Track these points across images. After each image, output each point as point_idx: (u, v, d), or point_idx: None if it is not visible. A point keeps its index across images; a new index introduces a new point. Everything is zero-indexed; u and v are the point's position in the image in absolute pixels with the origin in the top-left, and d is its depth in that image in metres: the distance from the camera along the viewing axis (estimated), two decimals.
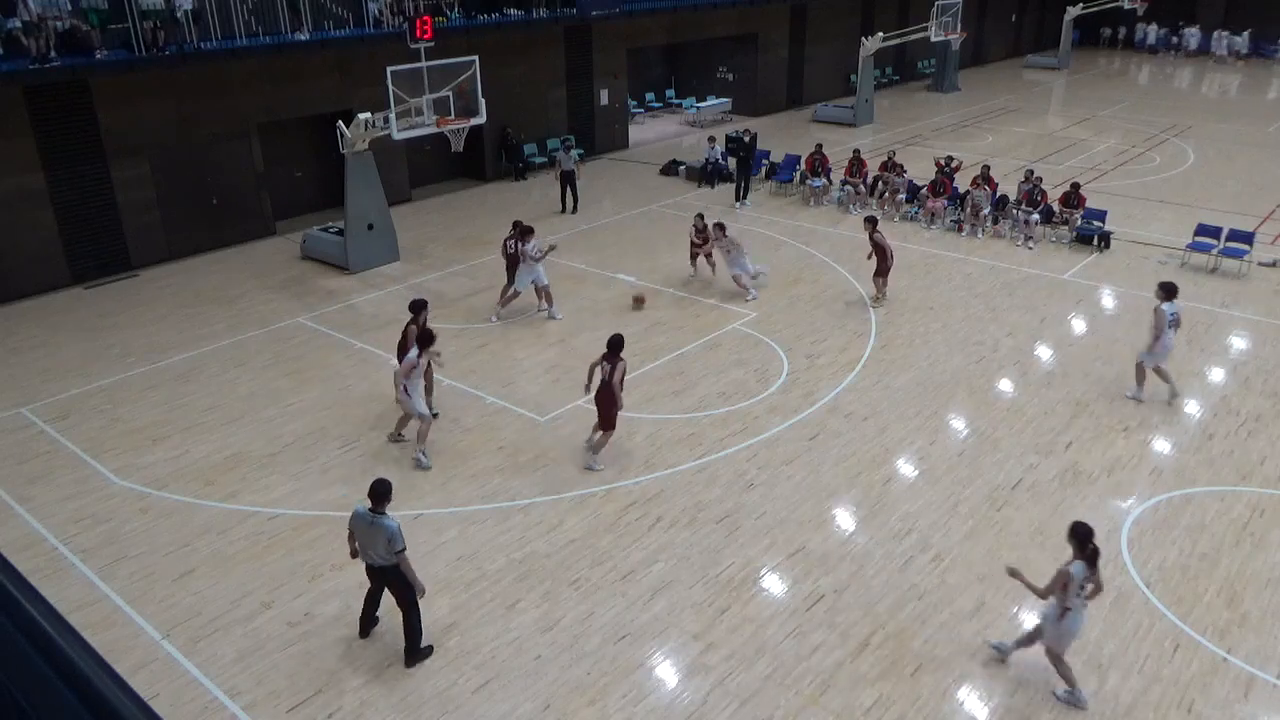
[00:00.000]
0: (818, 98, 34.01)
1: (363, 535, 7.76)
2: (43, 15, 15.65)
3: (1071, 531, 7.38)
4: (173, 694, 7.68)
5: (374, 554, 7.76)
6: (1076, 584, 7.22)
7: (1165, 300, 11.82)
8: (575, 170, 21.22)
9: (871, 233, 15.36)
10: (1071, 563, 7.26)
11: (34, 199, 16.67)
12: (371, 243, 17.90)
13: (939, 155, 22.60)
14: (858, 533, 9.76)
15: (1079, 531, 7.33)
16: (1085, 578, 7.26)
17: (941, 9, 32.02)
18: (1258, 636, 8.19)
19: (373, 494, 7.76)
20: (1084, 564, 7.24)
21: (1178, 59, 46.28)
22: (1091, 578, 7.29)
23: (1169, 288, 11.94)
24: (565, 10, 24.09)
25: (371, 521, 7.66)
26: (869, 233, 15.43)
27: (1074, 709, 7.49)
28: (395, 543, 7.60)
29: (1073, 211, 18.73)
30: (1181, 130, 29.46)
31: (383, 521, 7.62)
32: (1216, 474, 10.76)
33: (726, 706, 7.49)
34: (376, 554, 7.74)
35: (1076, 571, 7.22)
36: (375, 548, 7.71)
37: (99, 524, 10.05)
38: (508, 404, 12.56)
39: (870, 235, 15.38)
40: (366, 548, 7.78)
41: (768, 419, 11.99)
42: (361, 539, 7.79)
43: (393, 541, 7.60)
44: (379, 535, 7.62)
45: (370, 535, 7.69)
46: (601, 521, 9.95)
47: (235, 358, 14.17)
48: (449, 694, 7.66)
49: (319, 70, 20.15)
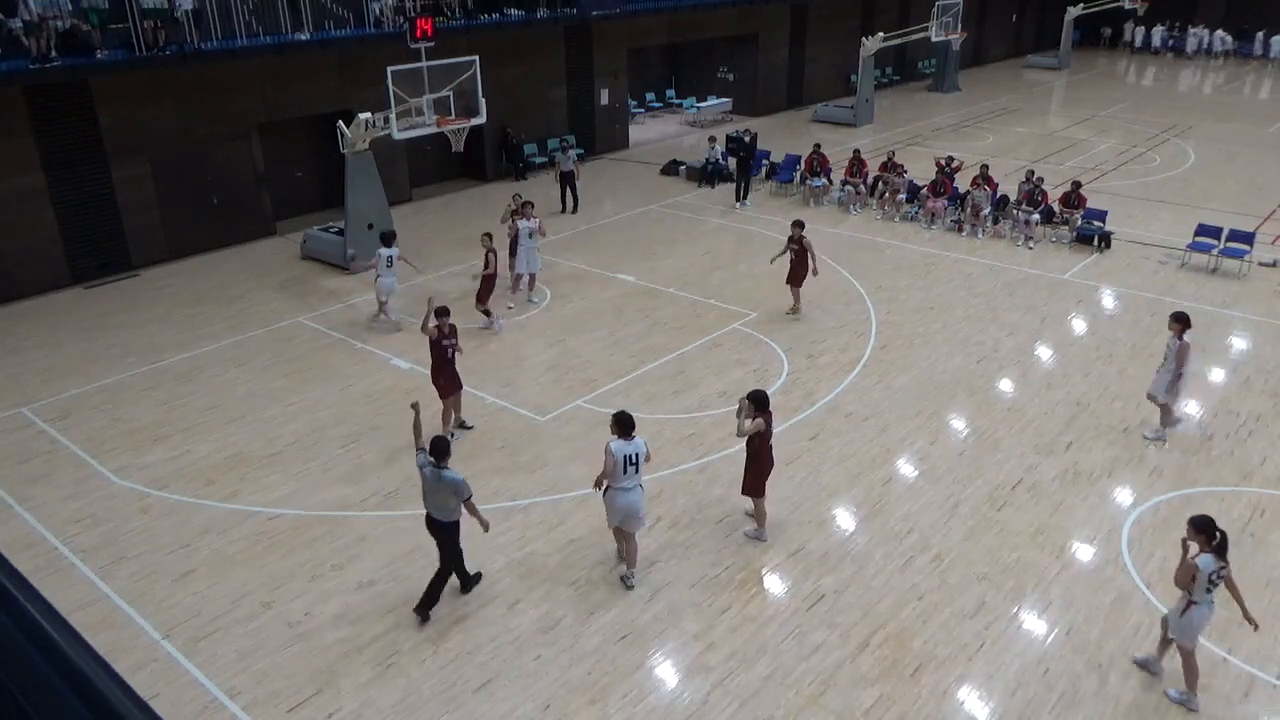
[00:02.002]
0: (818, 98, 34.00)
1: (430, 490, 8.25)
2: (43, 15, 15.65)
3: (1195, 525, 7.19)
4: (173, 694, 7.68)
5: (439, 507, 8.28)
6: (1205, 577, 7.06)
7: (1185, 331, 10.83)
8: (575, 170, 21.22)
9: (800, 235, 14.73)
10: (1199, 555, 7.11)
11: (34, 199, 16.67)
12: (372, 243, 17.87)
13: (939, 155, 22.61)
14: (858, 533, 9.76)
15: (1201, 524, 7.15)
16: (1215, 571, 7.09)
17: (942, 9, 32.02)
18: (1258, 636, 8.18)
19: (434, 450, 8.15)
20: (1212, 556, 7.08)
21: (1177, 59, 46.29)
22: (1223, 571, 7.11)
23: (1185, 319, 10.92)
24: (565, 10, 24.09)
25: (439, 476, 8.14)
26: (796, 235, 14.72)
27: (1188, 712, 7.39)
28: (462, 492, 8.13)
29: (1073, 211, 18.73)
30: (1182, 130, 29.46)
31: (447, 475, 8.12)
32: (1216, 474, 10.75)
33: (726, 706, 7.49)
34: (443, 508, 8.26)
35: (1205, 565, 7.07)
36: (442, 500, 8.22)
37: (99, 524, 10.06)
38: (508, 404, 12.56)
39: (799, 237, 14.72)
40: (432, 501, 8.29)
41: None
42: (428, 493, 8.29)
43: (459, 491, 8.11)
44: (446, 488, 8.14)
45: (437, 489, 8.19)
46: (601, 521, 9.93)
47: (235, 358, 14.18)
48: (449, 694, 7.66)
49: (319, 70, 20.15)
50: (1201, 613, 7.20)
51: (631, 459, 8.45)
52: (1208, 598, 7.16)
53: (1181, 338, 10.88)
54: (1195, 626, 7.24)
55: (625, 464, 8.42)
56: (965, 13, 34.00)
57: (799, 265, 14.88)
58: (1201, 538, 7.14)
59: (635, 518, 8.69)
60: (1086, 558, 9.31)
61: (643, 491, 8.67)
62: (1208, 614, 7.23)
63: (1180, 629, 7.29)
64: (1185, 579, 7.12)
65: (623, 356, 13.91)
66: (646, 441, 8.69)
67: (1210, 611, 7.25)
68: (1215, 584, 7.13)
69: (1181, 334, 10.89)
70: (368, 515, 10.16)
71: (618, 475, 8.42)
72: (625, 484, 8.49)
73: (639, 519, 8.74)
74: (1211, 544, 7.11)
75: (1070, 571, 9.09)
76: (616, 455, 8.38)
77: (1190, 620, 7.21)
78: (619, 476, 8.44)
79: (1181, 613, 7.24)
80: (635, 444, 8.48)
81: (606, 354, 13.99)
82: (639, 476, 8.56)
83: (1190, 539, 7.23)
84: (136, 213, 18.01)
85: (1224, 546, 7.11)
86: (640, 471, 8.56)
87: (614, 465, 8.37)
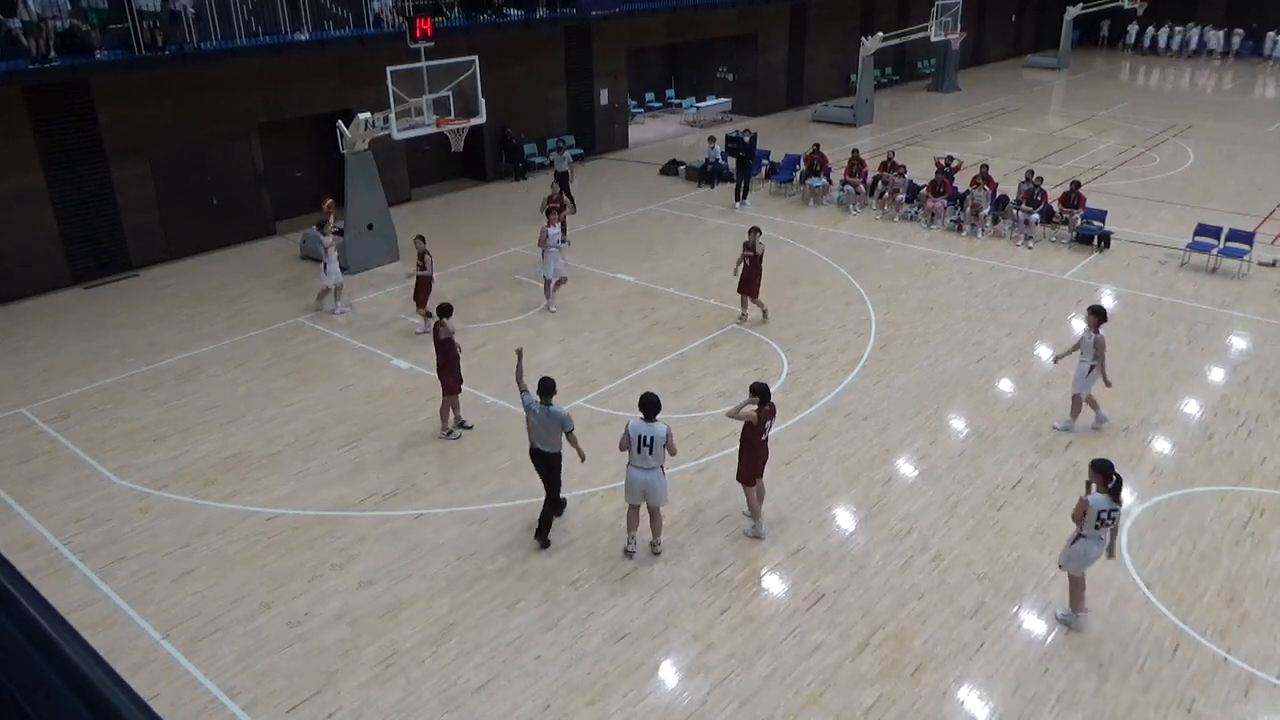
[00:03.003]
0: (818, 98, 34.00)
1: (538, 424, 9.15)
2: (43, 15, 15.65)
3: (1095, 466, 7.81)
4: (173, 694, 7.68)
5: (544, 440, 9.17)
6: (1094, 514, 7.67)
7: (1101, 323, 11.20)
8: (570, 171, 21.20)
9: (756, 240, 14.28)
10: (1094, 494, 7.73)
11: (34, 199, 16.67)
12: (371, 243, 17.91)
13: (939, 155, 22.61)
14: (858, 533, 9.76)
15: (1101, 466, 7.77)
16: (1107, 510, 7.68)
17: (941, 9, 32.02)
18: (1258, 636, 8.19)
19: (541, 390, 9.13)
20: (1106, 496, 7.68)
21: (1178, 59, 46.29)
22: (1113, 513, 7.71)
23: (1103, 312, 11.31)
24: (565, 10, 24.09)
25: (548, 412, 9.03)
26: (753, 240, 14.26)
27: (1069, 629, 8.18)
28: (567, 424, 9.03)
29: (1073, 211, 18.73)
30: (1181, 130, 29.46)
31: (555, 410, 9.05)
32: (1216, 474, 10.76)
33: (726, 706, 7.49)
34: (549, 440, 9.16)
35: (1096, 502, 7.68)
36: (549, 433, 9.11)
37: (99, 524, 10.06)
38: (508, 404, 12.56)
39: (755, 243, 14.25)
40: (538, 434, 9.19)
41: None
42: (536, 428, 9.19)
43: (565, 424, 9.02)
44: (554, 421, 9.04)
45: (546, 423, 9.09)
46: (601, 521, 9.94)
47: (235, 358, 14.18)
48: (449, 694, 7.66)
49: (319, 70, 20.15)
50: (1089, 546, 7.89)
51: (645, 440, 8.74)
52: (1096, 534, 7.82)
53: (1098, 331, 11.13)
54: (1081, 558, 7.94)
55: (639, 444, 8.76)
56: (965, 13, 34.00)
57: (753, 272, 14.39)
58: (1100, 478, 7.76)
59: (654, 494, 9.04)
60: None
61: (663, 475, 8.97)
62: (1095, 549, 7.91)
63: (1068, 557, 8.05)
64: (1078, 513, 7.81)
65: (622, 356, 13.91)
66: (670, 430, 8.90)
67: (1099, 547, 7.92)
68: (1105, 522, 7.79)
69: (1098, 327, 11.14)
70: (367, 515, 10.16)
71: (632, 454, 8.84)
72: (639, 464, 8.84)
73: (658, 496, 9.07)
74: (1108, 485, 7.72)
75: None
76: (631, 434, 8.79)
77: (1077, 551, 7.94)
78: (633, 455, 8.84)
79: (1070, 543, 7.97)
80: (653, 427, 8.76)
81: (606, 354, 13.98)
82: (654, 459, 8.79)
83: (1090, 479, 7.87)
84: (136, 213, 18.01)
85: (1118, 490, 7.75)
86: (656, 454, 8.78)
87: (627, 442, 8.80)
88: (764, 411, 9.21)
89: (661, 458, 8.84)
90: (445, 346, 11.31)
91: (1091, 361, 11.23)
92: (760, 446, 9.38)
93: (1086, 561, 7.98)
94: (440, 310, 11.49)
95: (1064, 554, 8.12)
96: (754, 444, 9.33)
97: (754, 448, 9.35)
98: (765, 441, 9.44)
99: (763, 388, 9.25)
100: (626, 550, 9.34)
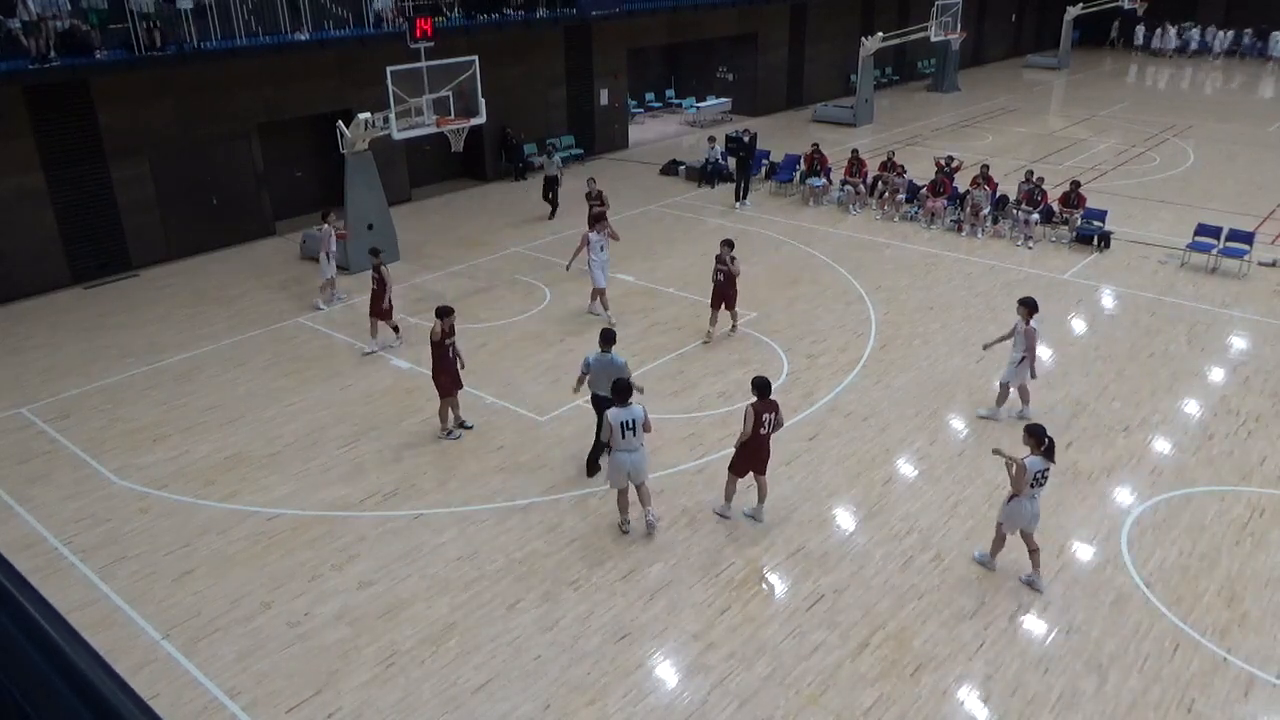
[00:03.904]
0: (818, 98, 34.01)
1: (599, 372, 10.14)
2: (42, 15, 15.64)
3: (1028, 430, 8.56)
4: (173, 694, 7.68)
5: (605, 385, 9.86)
6: (1030, 474, 8.33)
7: (1032, 316, 11.34)
8: (559, 175, 20.93)
9: (728, 255, 13.71)
10: (1028, 456, 8.40)
11: (34, 199, 16.67)
12: (371, 243, 17.87)
13: (939, 155, 22.61)
14: (858, 533, 9.76)
15: (1034, 430, 8.51)
16: (1041, 470, 8.38)
17: (941, 9, 32.02)
18: (1258, 636, 8.19)
19: (603, 339, 10.30)
20: (1040, 458, 8.39)
21: (1178, 59, 46.30)
22: (1046, 473, 8.44)
23: (1033, 304, 11.44)
24: (565, 10, 24.08)
25: (610, 360, 10.05)
26: (723, 255, 13.72)
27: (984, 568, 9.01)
28: (624, 370, 9.95)
29: (1073, 211, 18.74)
30: (1181, 130, 29.46)
31: (615, 359, 10.08)
32: (1216, 474, 10.76)
33: (726, 706, 7.49)
34: (606, 385, 9.75)
35: (1032, 464, 8.35)
36: (609, 379, 9.68)
37: (99, 524, 10.06)
38: (508, 404, 12.56)
39: (726, 258, 13.69)
40: (599, 381, 10.12)
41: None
42: (596, 376, 10.20)
43: (623, 370, 9.95)
44: (613, 369, 9.95)
45: (607, 370, 10.02)
46: (601, 521, 9.95)
47: (235, 358, 14.18)
48: (449, 694, 7.66)
49: (319, 70, 20.15)
50: (1025, 505, 8.50)
51: (629, 424, 9.15)
52: (1031, 493, 8.46)
53: (1029, 322, 11.32)
54: (1018, 515, 8.57)
55: (623, 429, 9.15)
56: (965, 12, 34.00)
57: (727, 285, 13.81)
58: (1034, 441, 8.44)
59: (640, 472, 9.45)
60: (1086, 558, 9.31)
61: (645, 451, 9.46)
62: (1030, 507, 8.52)
63: (1006, 515, 8.67)
64: (1018, 476, 8.39)
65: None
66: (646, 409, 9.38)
67: (1033, 506, 8.52)
68: (1040, 482, 8.44)
69: (1029, 319, 11.32)
70: (367, 515, 10.16)
71: (617, 440, 9.18)
72: (626, 447, 9.23)
73: (643, 473, 9.50)
74: (1040, 447, 8.39)
75: (1070, 571, 9.09)
76: (614, 422, 9.12)
77: (1014, 510, 8.57)
78: (619, 441, 9.19)
79: (1007, 503, 8.63)
80: (632, 410, 9.20)
81: None
82: (638, 439, 9.25)
83: (1025, 443, 8.55)
84: (136, 213, 18.01)
85: (1051, 451, 8.43)
86: (639, 435, 9.24)
87: (610, 431, 9.15)
88: (759, 406, 9.30)
89: (642, 438, 9.29)
90: (436, 349, 11.27)
91: (1024, 353, 11.46)
92: (757, 441, 9.43)
93: (1022, 519, 8.58)
94: (436, 312, 11.43)
95: (1002, 512, 8.73)
96: (752, 438, 9.38)
97: (749, 442, 9.42)
98: (765, 437, 9.48)
99: (763, 382, 9.42)
100: (622, 529, 9.69)
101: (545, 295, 16.41)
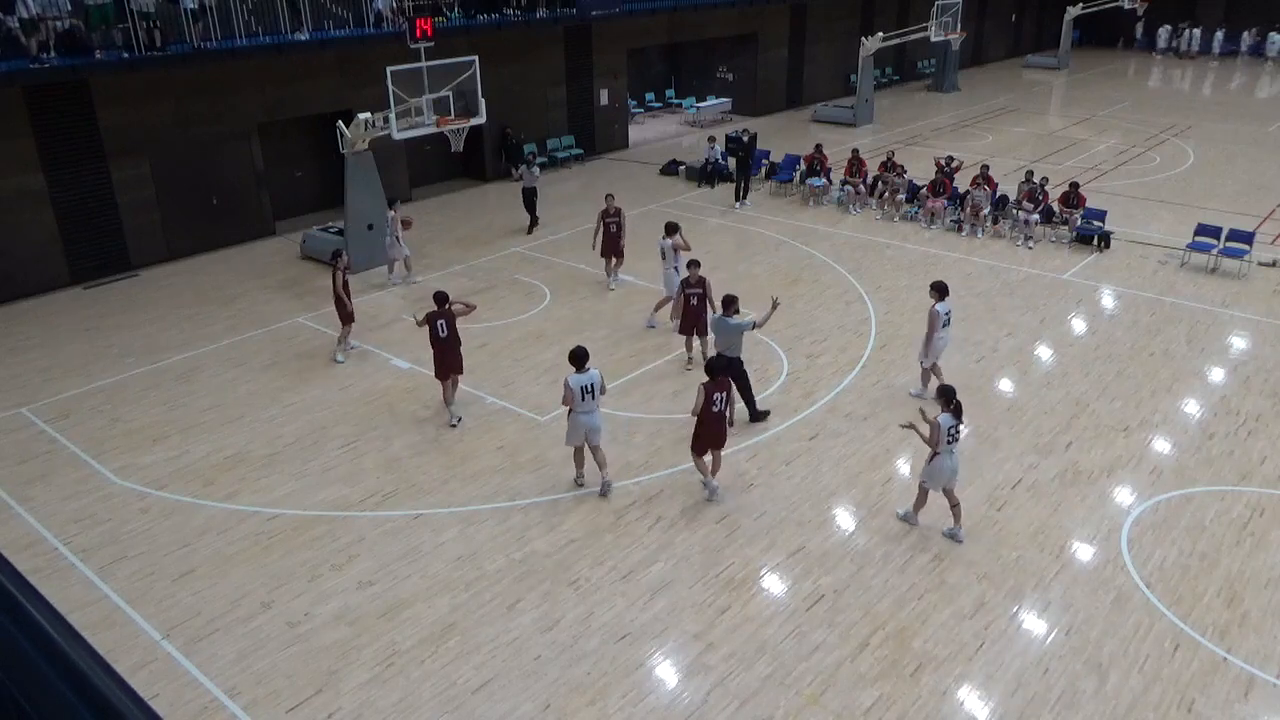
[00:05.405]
0: (818, 98, 34.01)
1: (724, 336, 11.11)
2: (41, 15, 15.64)
3: (939, 391, 9.29)
4: (173, 694, 7.68)
5: (728, 346, 11.03)
6: (944, 431, 8.96)
7: (939, 300, 11.85)
8: (536, 187, 19.92)
9: (696, 275, 12.81)
10: (940, 414, 9.05)
11: (34, 199, 16.67)
12: (371, 243, 17.89)
13: (939, 155, 22.61)
14: (858, 533, 9.76)
15: (943, 391, 9.20)
16: (953, 426, 8.99)
17: (941, 9, 32.01)
18: (1258, 636, 8.19)
19: (725, 304, 11.17)
20: (950, 415, 9.00)
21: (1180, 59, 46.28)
22: (956, 430, 9.05)
23: (941, 287, 11.98)
24: (565, 10, 24.09)
25: (733, 324, 11.04)
26: (693, 276, 12.78)
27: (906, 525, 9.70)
28: (744, 328, 11.01)
29: (1072, 211, 18.73)
30: (1181, 130, 29.46)
31: (735, 321, 11.07)
32: (1216, 474, 10.76)
33: (726, 706, 7.49)
34: (732, 346, 11.04)
35: (944, 422, 8.99)
36: (731, 341, 11.02)
37: (99, 524, 10.06)
38: (508, 404, 12.56)
39: (697, 279, 12.77)
40: (722, 342, 11.14)
41: (767, 419, 11.98)
42: (722, 339, 11.14)
43: (743, 329, 11.01)
44: (736, 331, 11.03)
45: (730, 333, 11.05)
46: (601, 521, 9.95)
47: (235, 358, 14.17)
48: (449, 694, 7.66)
49: (319, 70, 20.14)
50: (944, 461, 9.13)
51: (588, 388, 9.83)
52: (948, 448, 9.07)
53: (934, 306, 11.89)
54: (939, 472, 9.18)
55: (583, 393, 9.82)
56: (965, 13, 33.98)
57: (700, 309, 12.68)
58: (943, 400, 9.11)
59: (596, 433, 10.11)
60: (1086, 557, 9.31)
61: (600, 414, 10.14)
62: (948, 463, 9.14)
63: (929, 474, 9.29)
64: (933, 434, 9.03)
65: (622, 356, 13.91)
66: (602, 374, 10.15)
67: (951, 461, 9.15)
68: (954, 438, 9.05)
69: (938, 300, 11.87)
70: (367, 515, 10.16)
71: (577, 402, 9.83)
72: (585, 409, 9.90)
73: (599, 434, 10.17)
74: (949, 406, 9.02)
75: (1070, 571, 9.09)
76: (573, 387, 9.79)
77: (935, 468, 9.20)
78: (578, 404, 9.85)
79: (928, 462, 9.26)
80: (590, 375, 9.88)
81: (606, 354, 13.96)
82: (595, 402, 9.94)
83: (937, 400, 9.33)
84: (136, 213, 18.01)
85: (959, 410, 9.06)
86: (597, 399, 9.93)
87: (571, 396, 9.79)
88: (709, 386, 9.83)
89: (600, 400, 9.99)
90: (430, 333, 11.67)
91: (927, 333, 12.07)
92: (709, 418, 9.93)
93: (943, 476, 9.17)
94: (434, 298, 11.90)
95: (925, 471, 9.35)
96: (703, 417, 9.90)
97: (701, 419, 9.94)
98: (719, 415, 10.03)
99: (717, 364, 10.13)
100: (577, 482, 10.48)
101: (545, 295, 16.41)
